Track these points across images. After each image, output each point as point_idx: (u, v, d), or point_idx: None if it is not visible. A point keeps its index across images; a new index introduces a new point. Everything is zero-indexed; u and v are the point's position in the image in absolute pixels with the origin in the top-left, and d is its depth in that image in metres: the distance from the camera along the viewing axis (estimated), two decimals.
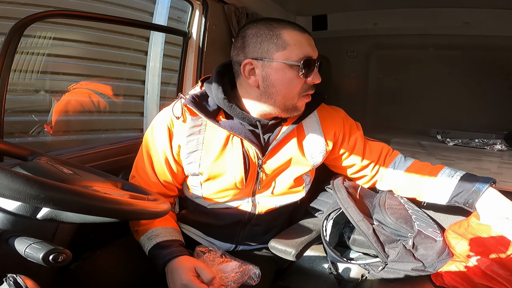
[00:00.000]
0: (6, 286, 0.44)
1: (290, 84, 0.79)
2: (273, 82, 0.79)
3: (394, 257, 0.93)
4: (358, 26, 1.85)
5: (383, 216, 0.96)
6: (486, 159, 1.22)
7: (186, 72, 1.49)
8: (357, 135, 0.97)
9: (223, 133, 0.84)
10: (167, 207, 0.66)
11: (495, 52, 1.65)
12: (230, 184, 0.86)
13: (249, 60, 0.78)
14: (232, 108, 0.82)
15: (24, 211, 0.53)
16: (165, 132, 0.85)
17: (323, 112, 0.94)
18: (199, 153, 0.85)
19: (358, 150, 0.96)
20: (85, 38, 2.27)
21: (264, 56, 0.77)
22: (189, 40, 1.48)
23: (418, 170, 0.95)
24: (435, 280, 0.96)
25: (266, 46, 0.77)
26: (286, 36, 0.77)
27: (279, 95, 0.80)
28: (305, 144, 0.91)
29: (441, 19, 1.66)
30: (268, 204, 0.94)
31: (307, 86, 0.81)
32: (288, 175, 0.91)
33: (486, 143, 1.38)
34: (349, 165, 0.99)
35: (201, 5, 1.43)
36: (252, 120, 0.84)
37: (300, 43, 0.77)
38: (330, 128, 0.93)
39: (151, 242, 0.80)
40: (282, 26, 0.78)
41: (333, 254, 0.95)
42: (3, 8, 1.80)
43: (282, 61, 0.77)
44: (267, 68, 0.78)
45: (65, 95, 2.10)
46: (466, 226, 1.00)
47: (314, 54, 0.79)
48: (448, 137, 1.46)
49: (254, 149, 0.85)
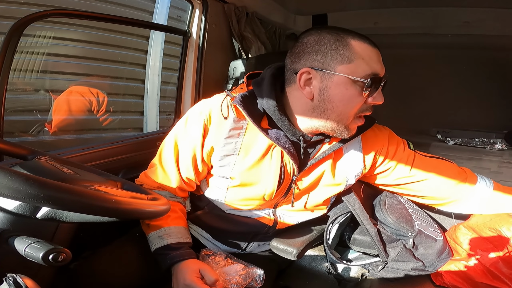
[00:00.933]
0: (6, 285, 0.44)
1: (350, 102, 0.70)
2: (330, 97, 0.70)
3: (394, 256, 0.93)
4: (358, 25, 1.84)
5: (383, 216, 0.96)
6: (486, 158, 1.22)
7: (186, 71, 1.49)
8: (402, 154, 0.88)
9: (265, 142, 0.78)
10: (166, 207, 0.66)
11: (495, 52, 1.65)
12: (258, 195, 0.81)
13: (307, 69, 0.70)
14: (281, 118, 0.74)
15: (24, 211, 0.53)
16: (200, 128, 0.78)
17: (366, 135, 0.84)
18: (235, 158, 0.79)
19: (404, 171, 0.87)
20: (85, 37, 2.27)
21: (325, 67, 0.69)
22: (189, 39, 1.47)
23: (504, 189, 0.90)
24: (435, 280, 0.96)
25: (330, 56, 0.69)
26: (354, 47, 0.68)
27: (334, 113, 0.72)
28: (342, 164, 0.84)
29: (442, 18, 1.65)
30: (288, 218, 0.90)
31: (367, 106, 0.73)
32: (319, 194, 0.86)
33: (486, 143, 1.38)
34: (389, 183, 0.92)
35: (201, 4, 1.43)
36: (297, 133, 0.77)
37: (370, 57, 0.69)
38: (372, 149, 0.85)
39: (161, 242, 0.78)
40: (351, 36, 0.69)
41: (333, 257, 0.95)
42: (2, 7, 1.79)
43: (346, 75, 0.68)
44: (326, 80, 0.69)
45: (66, 94, 2.11)
46: (487, 221, 0.97)
47: (382, 72, 0.71)
48: (448, 136, 1.47)
49: (292, 164, 0.78)
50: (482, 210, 0.94)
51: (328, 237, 0.94)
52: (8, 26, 0.89)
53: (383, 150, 0.87)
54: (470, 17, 1.59)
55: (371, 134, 0.85)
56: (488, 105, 1.72)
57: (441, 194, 0.91)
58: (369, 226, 0.90)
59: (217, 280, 0.74)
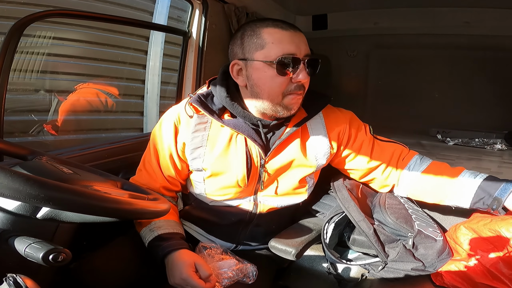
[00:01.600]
0: (6, 285, 0.44)
1: (272, 83, 0.78)
2: (255, 82, 0.80)
3: (394, 256, 0.93)
4: (358, 26, 1.85)
5: (383, 216, 0.96)
6: (486, 158, 1.22)
7: (186, 71, 1.49)
8: (364, 136, 0.95)
9: (227, 131, 0.86)
10: (166, 206, 0.66)
11: (495, 52, 1.65)
12: (232, 182, 0.87)
13: (235, 61, 0.81)
14: (234, 106, 0.84)
15: (24, 211, 0.53)
16: (171, 129, 0.88)
17: (329, 113, 0.93)
18: (203, 149, 0.86)
19: (364, 151, 0.94)
20: (85, 37, 2.27)
21: (246, 57, 0.79)
22: (189, 39, 1.48)
23: (436, 171, 0.91)
24: (435, 280, 0.96)
25: (248, 47, 0.79)
26: (265, 34, 0.77)
27: (264, 94, 0.80)
28: (309, 145, 0.90)
29: (442, 18, 1.65)
30: (270, 204, 0.93)
31: (295, 84, 0.79)
32: (292, 176, 0.91)
33: (486, 143, 1.38)
34: (356, 168, 0.97)
35: (201, 5, 1.43)
36: (253, 119, 0.85)
37: (280, 40, 0.76)
38: (335, 129, 0.92)
39: (152, 234, 0.81)
40: (265, 25, 0.78)
41: (332, 257, 0.95)
42: (2, 7, 1.79)
43: (261, 60, 0.77)
44: (250, 68, 0.79)
45: (72, 94, 2.13)
46: (487, 222, 0.97)
47: (299, 51, 0.77)
48: (448, 137, 1.46)
49: (257, 149, 0.85)
50: (410, 195, 0.99)
51: (326, 236, 0.94)
52: (8, 26, 0.89)
53: (345, 131, 0.93)
54: (470, 17, 1.60)
55: (334, 116, 0.93)
56: (488, 105, 1.72)
57: (383, 177, 0.97)
58: (365, 227, 0.90)
59: (211, 274, 0.76)
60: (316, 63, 0.80)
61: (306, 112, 0.89)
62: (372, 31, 1.86)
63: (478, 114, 1.73)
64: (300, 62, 0.77)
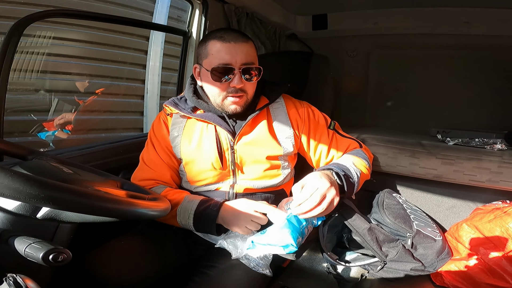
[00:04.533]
0: (6, 285, 0.44)
1: (213, 87, 0.92)
2: (204, 85, 0.96)
3: (393, 256, 0.93)
4: (358, 26, 1.85)
5: (381, 216, 0.96)
6: (486, 158, 1.22)
7: (186, 71, 1.50)
8: (323, 128, 1.05)
9: (199, 124, 0.99)
10: (166, 206, 0.66)
11: (495, 52, 1.64)
12: (208, 166, 0.97)
13: (195, 65, 0.98)
14: (200, 103, 0.98)
15: (24, 211, 0.53)
16: (162, 123, 1.03)
17: (289, 102, 1.05)
18: (180, 138, 1.00)
19: (323, 143, 1.04)
20: (85, 37, 2.27)
21: (200, 63, 0.95)
22: (189, 39, 1.48)
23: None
24: (435, 280, 0.96)
25: (200, 55, 0.94)
26: (209, 45, 0.91)
27: (210, 95, 0.95)
28: (273, 128, 1.00)
29: (441, 18, 1.65)
30: (247, 185, 0.99)
31: (232, 88, 0.91)
32: (261, 156, 0.98)
33: (486, 143, 1.37)
34: (316, 158, 1.06)
35: (201, 5, 1.44)
36: (218, 111, 0.97)
37: (218, 51, 0.89)
38: (295, 117, 1.03)
39: (193, 202, 0.89)
40: (212, 37, 0.91)
41: (329, 258, 0.95)
42: (2, 7, 1.79)
43: (205, 68, 0.92)
44: (201, 72, 0.95)
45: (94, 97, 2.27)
46: (491, 218, 0.97)
47: (234, 61, 0.88)
48: (448, 137, 1.46)
49: (225, 133, 0.96)
50: None
51: (322, 239, 0.94)
52: (8, 26, 0.89)
53: (305, 118, 1.03)
54: (470, 17, 1.59)
55: (293, 103, 1.05)
56: (488, 105, 1.71)
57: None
58: (359, 226, 0.90)
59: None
60: (251, 70, 0.91)
61: (268, 99, 1.01)
62: (372, 31, 1.86)
63: (478, 114, 1.73)
64: (233, 71, 0.89)
